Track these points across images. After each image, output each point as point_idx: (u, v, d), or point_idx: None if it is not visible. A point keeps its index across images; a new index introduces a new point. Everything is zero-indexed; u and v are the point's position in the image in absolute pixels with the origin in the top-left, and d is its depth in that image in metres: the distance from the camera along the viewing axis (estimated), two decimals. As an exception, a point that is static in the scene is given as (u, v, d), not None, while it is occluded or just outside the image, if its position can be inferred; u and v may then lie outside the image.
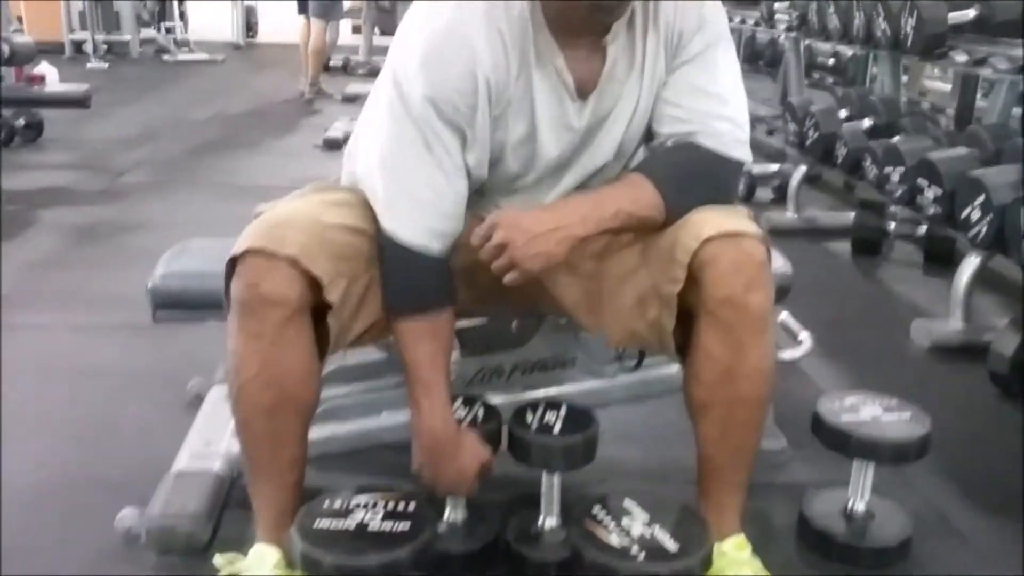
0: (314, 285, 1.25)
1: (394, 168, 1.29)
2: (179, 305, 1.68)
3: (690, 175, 1.33)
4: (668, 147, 1.34)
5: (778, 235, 3.49)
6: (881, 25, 3.29)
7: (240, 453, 1.37)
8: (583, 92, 1.30)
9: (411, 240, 1.28)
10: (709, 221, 1.27)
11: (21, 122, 4.88)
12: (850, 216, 3.59)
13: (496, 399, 1.58)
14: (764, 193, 4.23)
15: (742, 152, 1.35)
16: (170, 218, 3.62)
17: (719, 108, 1.33)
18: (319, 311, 1.29)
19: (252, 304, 1.23)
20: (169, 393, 2.06)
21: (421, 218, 1.28)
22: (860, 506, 1.61)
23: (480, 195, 1.37)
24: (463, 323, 1.54)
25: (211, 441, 1.64)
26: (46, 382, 2.22)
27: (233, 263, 1.25)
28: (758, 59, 6.92)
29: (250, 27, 11.10)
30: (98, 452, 1.89)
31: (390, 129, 1.28)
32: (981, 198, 2.42)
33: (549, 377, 1.74)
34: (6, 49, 4.50)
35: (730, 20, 5.34)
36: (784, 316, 1.92)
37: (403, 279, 1.31)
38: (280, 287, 1.22)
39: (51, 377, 2.24)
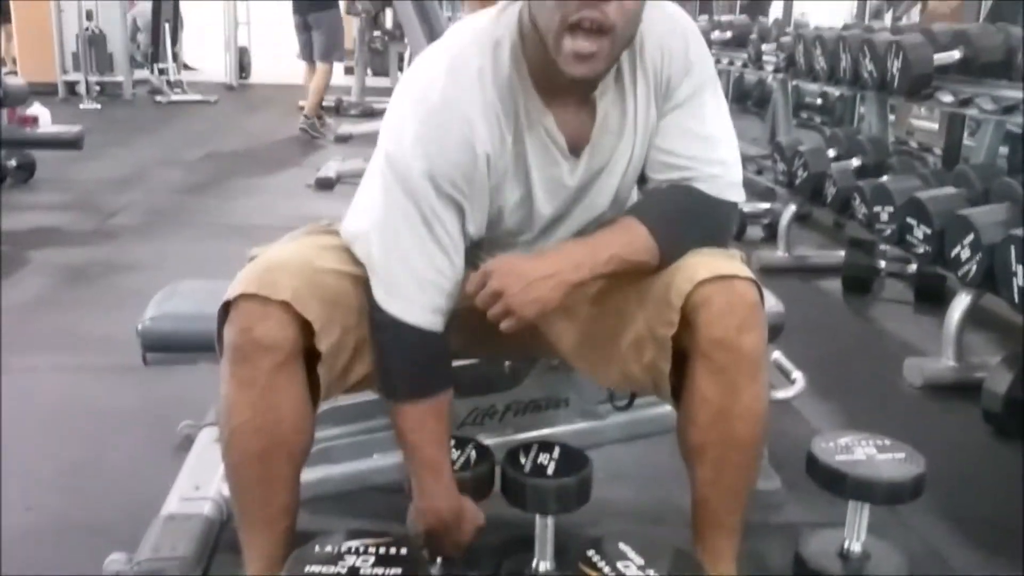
0: (308, 329, 1.24)
1: (394, 247, 1.26)
2: (169, 347, 1.67)
3: (684, 219, 1.33)
4: (662, 190, 1.34)
5: (769, 273, 3.50)
6: (868, 66, 3.33)
7: (230, 498, 1.35)
8: (575, 149, 1.30)
9: (416, 320, 1.26)
10: (702, 264, 1.27)
11: (13, 163, 4.89)
12: (840, 254, 3.61)
13: (489, 440, 1.57)
14: (755, 231, 4.26)
15: (735, 194, 1.36)
16: (161, 259, 3.61)
17: (711, 152, 1.33)
18: (314, 355, 1.28)
19: (245, 349, 1.22)
20: (159, 435, 2.04)
21: (424, 298, 1.27)
22: (856, 547, 1.59)
23: (477, 247, 1.37)
24: (455, 363, 1.53)
25: (201, 484, 1.62)
26: (35, 424, 2.20)
27: (226, 308, 1.25)
28: (746, 99, 7.01)
29: (243, 68, 11.18)
30: (87, 495, 1.87)
31: (387, 207, 1.26)
32: (970, 237, 2.44)
33: (542, 418, 1.73)
34: (-1, 91, 4.52)
35: (718, 61, 5.44)
36: (777, 355, 1.92)
37: (406, 362, 1.29)
38: (273, 332, 1.22)
39: (40, 419, 2.23)
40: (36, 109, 5.07)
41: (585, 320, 1.40)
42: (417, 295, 1.26)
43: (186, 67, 10.94)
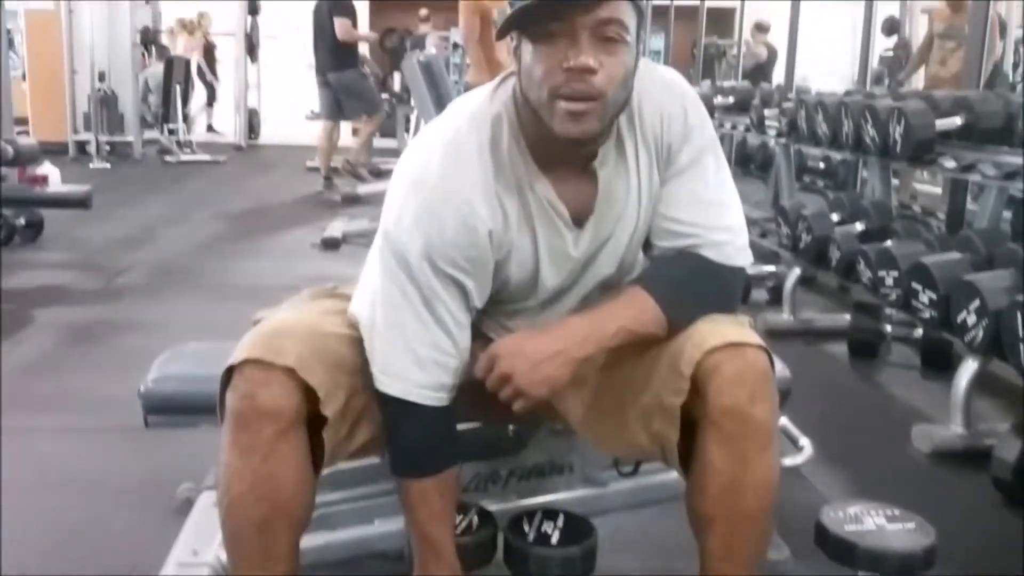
0: (311, 395, 1.23)
1: (394, 327, 1.26)
2: (171, 410, 1.66)
3: (692, 287, 1.32)
4: (668, 258, 1.34)
5: (775, 337, 3.49)
6: (870, 132, 3.37)
7: (228, 566, 1.33)
8: (579, 220, 1.30)
9: (417, 399, 1.27)
10: (712, 331, 1.26)
11: (21, 221, 4.93)
12: (846, 318, 3.60)
13: (492, 506, 1.55)
14: (759, 294, 4.25)
15: (742, 258, 1.36)
16: (165, 319, 3.61)
17: (716, 218, 1.33)
18: (315, 420, 1.26)
19: (247, 416, 1.21)
20: (158, 498, 2.02)
21: (426, 377, 1.27)
22: (867, 619, 1.56)
23: (481, 313, 1.36)
24: (458, 427, 1.52)
25: (199, 550, 1.59)
26: (34, 487, 2.17)
27: (229, 373, 1.24)
28: (749, 163, 7.06)
29: (252, 129, 11.33)
30: (85, 559, 1.84)
31: (386, 288, 1.26)
32: (976, 303, 2.43)
33: (545, 484, 1.71)
34: (10, 150, 4.57)
35: (720, 126, 5.50)
36: (784, 421, 1.90)
37: (408, 439, 1.30)
38: (276, 399, 1.21)
39: (39, 481, 2.20)
40: (46, 168, 5.13)
41: (592, 389, 1.39)
42: (419, 375, 1.27)
43: (210, 129, 11.13)
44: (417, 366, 1.26)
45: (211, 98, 11.70)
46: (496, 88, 1.30)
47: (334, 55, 6.91)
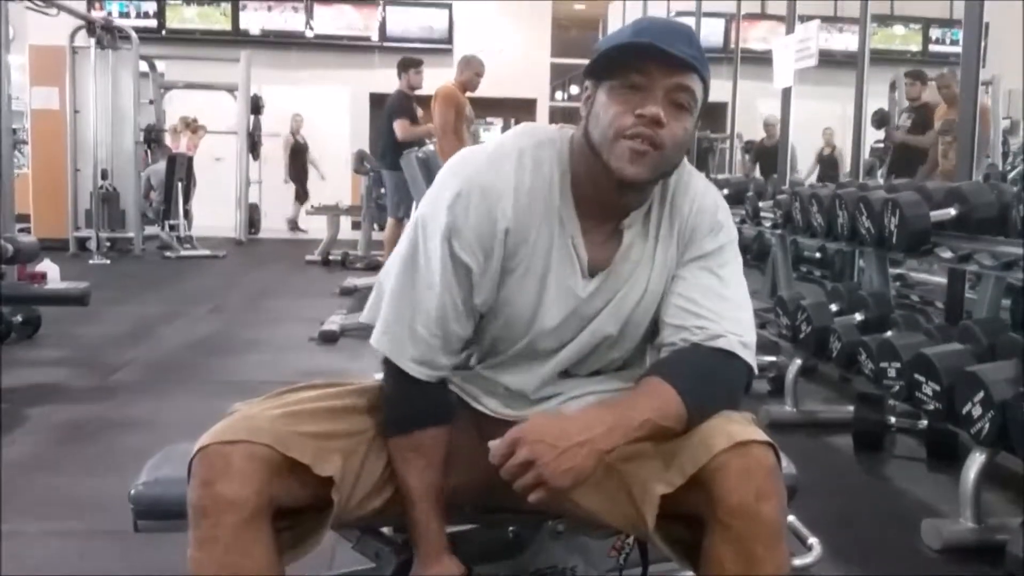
0: (278, 481, 1.21)
1: (403, 297, 1.34)
2: (161, 514, 1.61)
3: (710, 383, 1.31)
4: (687, 350, 1.33)
5: (778, 429, 3.44)
6: (865, 223, 3.39)
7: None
8: (594, 270, 1.36)
9: (406, 369, 1.34)
10: (718, 429, 1.25)
11: (19, 318, 4.92)
12: (849, 409, 3.56)
13: (492, 613, 1.50)
14: (760, 385, 4.21)
15: (751, 356, 1.36)
16: (160, 417, 3.56)
17: (732, 310, 1.35)
18: (279, 514, 1.25)
19: (206, 505, 1.19)
20: (146, 606, 1.95)
21: (413, 350, 1.33)
22: None
23: (470, 368, 1.41)
24: (455, 529, 1.48)
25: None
26: (17, 594, 2.11)
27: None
28: (746, 253, 7.06)
29: (253, 223, 11.44)
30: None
31: (407, 261, 1.34)
32: (981, 394, 2.40)
33: (548, 588, 1.65)
34: (10, 248, 4.59)
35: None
36: (791, 519, 1.85)
37: (399, 400, 1.36)
38: (235, 488, 1.18)
39: (23, 589, 2.13)
40: (45, 265, 5.15)
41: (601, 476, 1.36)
42: (411, 349, 1.33)
43: (251, 229, 11.22)
44: (411, 340, 1.33)
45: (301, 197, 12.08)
46: (559, 129, 1.38)
47: (391, 154, 6.98)
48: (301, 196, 12.18)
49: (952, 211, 3.03)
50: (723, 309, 1.34)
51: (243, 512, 1.18)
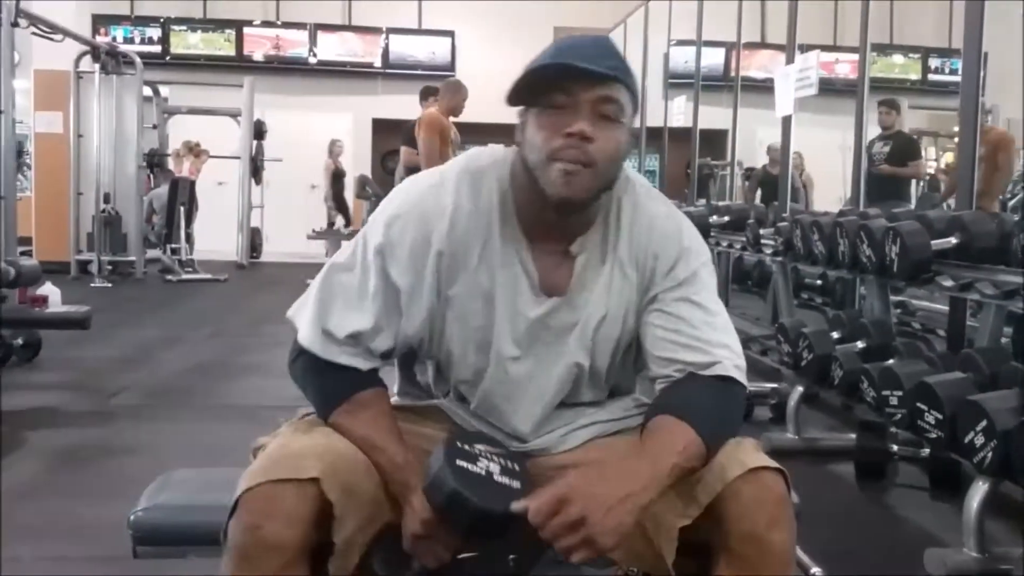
0: (317, 524, 1.19)
1: (332, 298, 1.34)
2: (160, 540, 1.60)
3: (719, 413, 1.30)
4: (688, 382, 1.31)
5: (780, 456, 3.37)
6: (866, 251, 3.39)
7: None
8: (549, 292, 1.35)
9: (306, 344, 1.34)
10: (730, 456, 1.25)
11: (19, 341, 4.92)
12: (851, 437, 3.54)
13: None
14: (762, 412, 4.20)
15: (743, 377, 1.35)
16: (159, 442, 3.55)
17: (723, 337, 1.35)
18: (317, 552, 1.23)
19: (250, 549, 1.17)
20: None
21: (337, 349, 1.33)
22: None
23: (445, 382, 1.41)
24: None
25: None
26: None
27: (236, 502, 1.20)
28: (746, 279, 7.11)
29: (254, 247, 11.46)
30: None
31: (343, 263, 1.36)
32: (983, 423, 2.39)
33: (548, 618, 1.64)
34: (11, 272, 4.60)
35: (717, 244, 5.56)
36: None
37: (320, 387, 1.35)
38: (281, 532, 1.17)
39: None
40: (46, 289, 5.14)
41: None
42: (332, 346, 1.33)
43: (253, 253, 11.17)
44: (335, 342, 1.33)
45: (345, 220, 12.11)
46: (507, 150, 1.39)
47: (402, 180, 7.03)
48: (347, 219, 12.16)
49: (953, 240, 3.03)
50: (711, 335, 1.33)
51: (287, 555, 1.18)
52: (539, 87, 1.27)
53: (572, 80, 1.24)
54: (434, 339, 1.37)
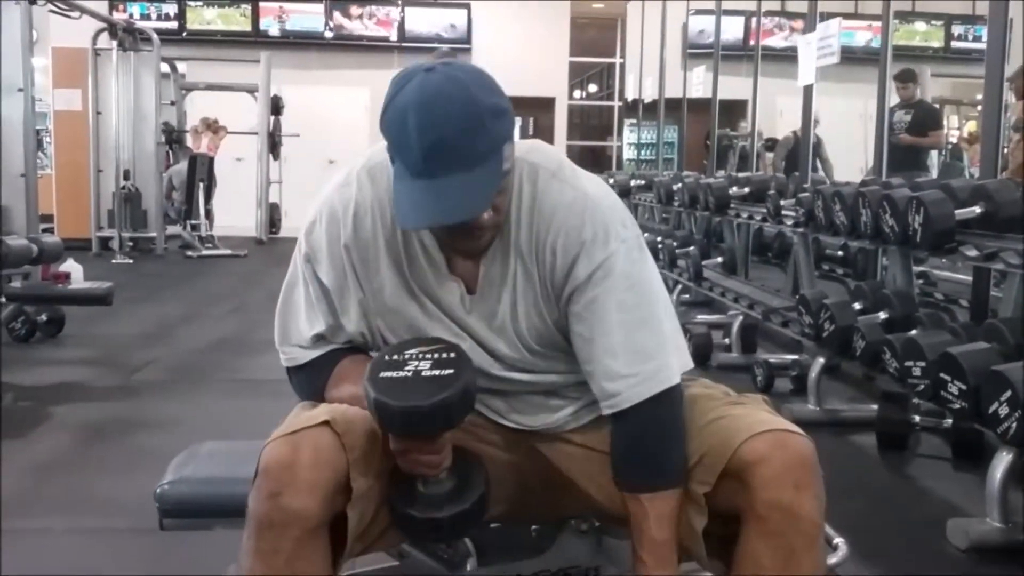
0: (334, 496, 1.20)
1: (290, 316, 1.39)
2: (186, 513, 1.62)
3: (668, 439, 1.29)
4: (631, 423, 1.29)
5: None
6: (888, 221, 3.35)
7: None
8: (468, 287, 1.33)
9: (304, 361, 1.38)
10: (755, 418, 1.24)
11: (43, 318, 4.97)
12: (872, 407, 3.53)
13: (515, 613, 1.49)
14: (783, 383, 4.19)
15: (687, 356, 1.33)
16: (183, 416, 3.58)
17: (651, 336, 1.29)
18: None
19: (271, 518, 1.18)
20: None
21: (312, 352, 1.38)
22: None
23: None
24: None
25: (212, 660, 1.54)
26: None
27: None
28: (766, 251, 7.05)
29: (273, 223, 11.48)
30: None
31: (291, 282, 1.40)
32: (1008, 394, 2.37)
33: (571, 588, 1.65)
34: (34, 249, 4.64)
35: (737, 215, 5.51)
36: (815, 519, 1.83)
37: (309, 380, 1.39)
38: (302, 500, 1.17)
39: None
40: (69, 265, 5.19)
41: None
42: (301, 352, 1.38)
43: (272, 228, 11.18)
44: (298, 344, 1.38)
45: None
46: None
47: None
48: None
49: (977, 209, 3.00)
50: (640, 344, 1.28)
51: (308, 524, 1.18)
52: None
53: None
54: (374, 334, 1.37)
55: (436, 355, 1.26)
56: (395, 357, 1.27)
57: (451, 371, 1.23)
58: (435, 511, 1.27)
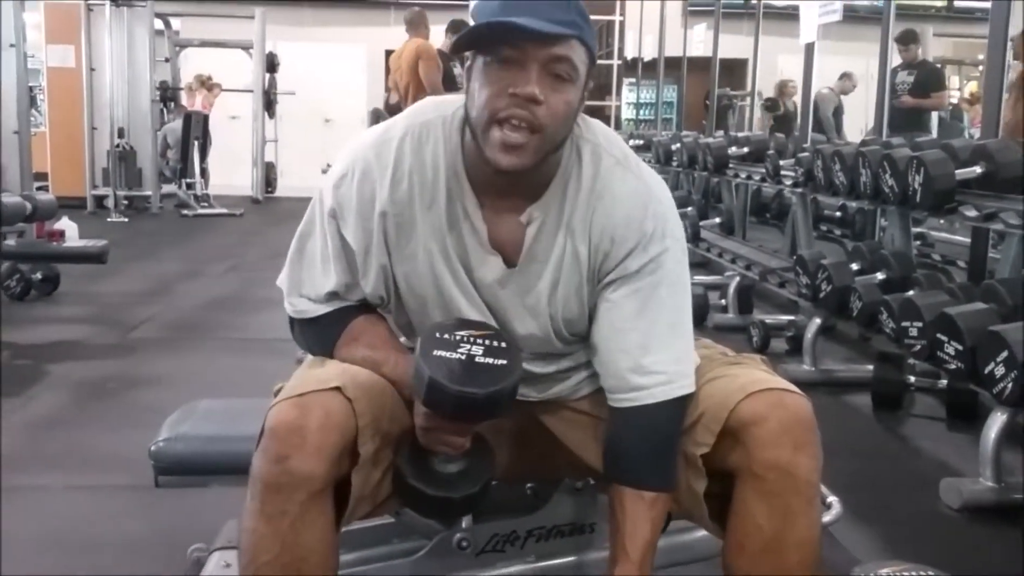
0: (340, 458, 1.19)
1: (303, 266, 1.36)
2: (182, 470, 1.62)
3: (667, 444, 1.29)
4: (639, 424, 1.28)
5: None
6: (888, 181, 3.34)
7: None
8: (502, 252, 1.29)
9: (314, 314, 1.36)
10: (753, 377, 1.24)
11: (38, 276, 4.95)
12: (868, 368, 3.54)
13: (510, 568, 1.50)
14: (778, 344, 4.20)
15: (691, 380, 1.30)
16: (179, 374, 3.58)
17: (672, 346, 1.29)
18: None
19: (278, 481, 1.17)
20: (168, 559, 1.96)
21: (323, 307, 1.35)
22: None
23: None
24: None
25: (209, 614, 1.55)
26: (41, 547, 2.13)
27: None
28: (765, 211, 7.05)
29: (269, 183, 11.43)
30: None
31: (301, 233, 1.36)
32: (1004, 354, 2.38)
33: (566, 544, 1.65)
34: (28, 206, 4.61)
35: (736, 176, 5.49)
36: (810, 478, 1.84)
37: (317, 334, 1.37)
38: (311, 462, 1.16)
39: (46, 542, 2.16)
40: (64, 223, 5.17)
41: None
42: (310, 305, 1.36)
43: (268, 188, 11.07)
44: (308, 297, 1.36)
45: None
46: (453, 104, 1.30)
47: None
48: None
49: (978, 169, 2.98)
50: (672, 344, 1.28)
51: (314, 487, 1.17)
52: (486, 38, 1.18)
53: (522, 35, 1.14)
54: (392, 299, 1.34)
55: (487, 342, 1.25)
56: (446, 336, 1.24)
57: (504, 362, 1.22)
58: (449, 490, 1.27)
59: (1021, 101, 4.38)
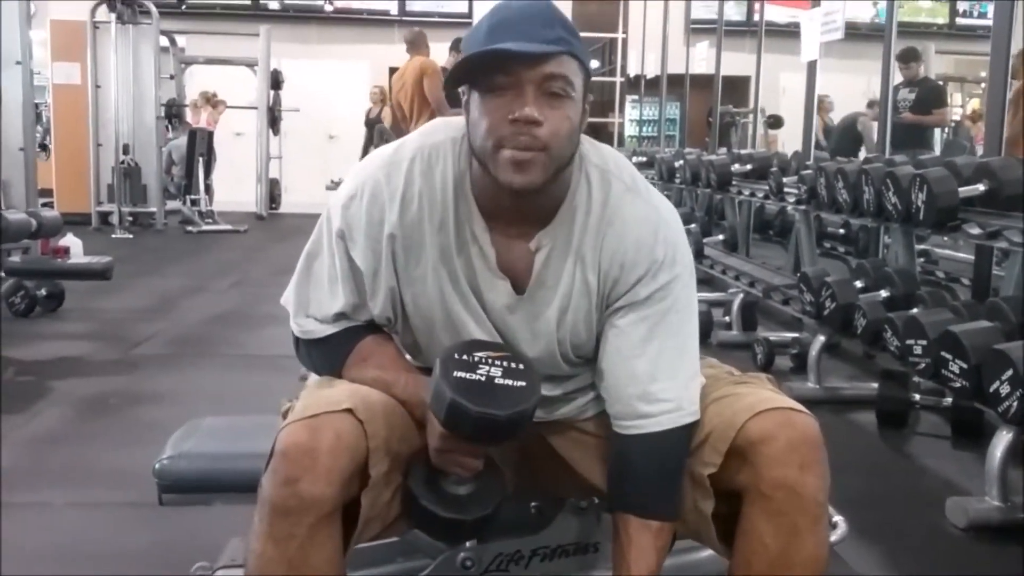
0: (351, 481, 1.19)
1: (310, 286, 1.36)
2: (186, 488, 1.62)
3: (673, 471, 1.29)
4: (646, 450, 1.28)
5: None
6: (891, 199, 3.34)
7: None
8: (510, 277, 1.29)
9: (323, 334, 1.35)
10: (760, 397, 1.24)
11: (42, 292, 4.96)
12: (872, 386, 3.53)
13: (514, 589, 1.49)
14: (783, 361, 4.19)
15: (691, 415, 1.30)
16: (182, 390, 3.58)
17: (678, 373, 1.29)
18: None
19: (287, 505, 1.15)
20: (171, 578, 1.97)
21: (330, 328, 1.34)
22: None
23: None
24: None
25: (212, 634, 1.54)
26: (42, 565, 2.12)
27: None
28: (768, 229, 7.04)
29: (273, 199, 11.46)
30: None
31: (314, 251, 1.35)
32: (1009, 372, 2.37)
33: (570, 564, 1.65)
34: (33, 223, 4.62)
35: (739, 192, 5.49)
36: (815, 497, 1.83)
37: (324, 355, 1.37)
38: (321, 485, 1.15)
39: (48, 559, 2.15)
40: (68, 240, 5.17)
41: None
42: (316, 326, 1.35)
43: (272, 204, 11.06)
44: (315, 317, 1.36)
45: None
46: (463, 126, 1.29)
47: None
48: None
49: (981, 187, 2.98)
50: (680, 372, 1.28)
51: (323, 510, 1.16)
52: (478, 69, 1.18)
53: (512, 60, 1.15)
54: (399, 320, 1.34)
55: (506, 363, 1.25)
56: (465, 357, 1.24)
57: (524, 383, 1.22)
58: (461, 512, 1.27)
59: (1019, 116, 4.39)
